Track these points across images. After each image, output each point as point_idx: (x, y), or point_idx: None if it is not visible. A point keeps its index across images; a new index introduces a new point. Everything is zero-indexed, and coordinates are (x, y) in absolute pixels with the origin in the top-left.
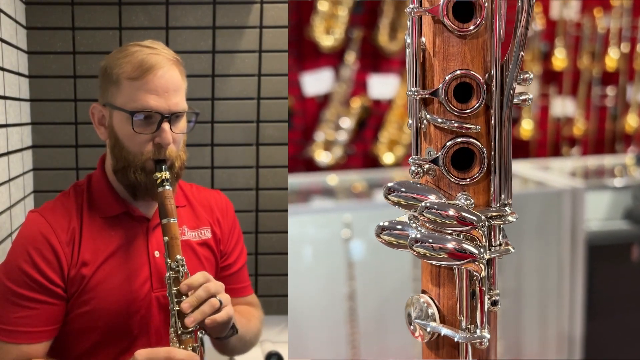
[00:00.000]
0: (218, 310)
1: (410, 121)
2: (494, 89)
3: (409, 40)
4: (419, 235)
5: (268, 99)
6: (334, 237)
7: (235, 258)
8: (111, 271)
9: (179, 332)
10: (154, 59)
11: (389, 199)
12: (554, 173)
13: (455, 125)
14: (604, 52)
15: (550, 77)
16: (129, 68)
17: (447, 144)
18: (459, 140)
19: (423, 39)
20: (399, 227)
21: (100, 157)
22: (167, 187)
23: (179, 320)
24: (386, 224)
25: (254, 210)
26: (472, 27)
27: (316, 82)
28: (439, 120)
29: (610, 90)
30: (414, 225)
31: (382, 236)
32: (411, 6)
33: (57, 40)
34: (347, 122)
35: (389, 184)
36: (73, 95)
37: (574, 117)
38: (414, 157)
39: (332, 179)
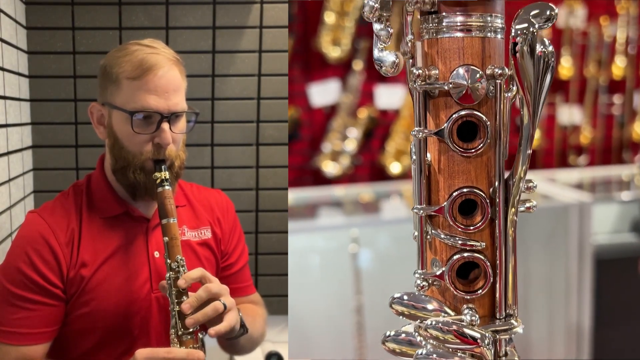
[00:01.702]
0: (222, 314)
1: (416, 233)
2: (497, 200)
3: (414, 157)
4: (424, 351)
5: (268, 99)
6: (341, 250)
7: (237, 257)
8: (111, 272)
9: (180, 332)
10: (154, 58)
11: (392, 308)
12: (561, 186)
13: (460, 242)
14: (610, 60)
15: (556, 86)
16: (128, 67)
17: (454, 257)
18: (464, 255)
19: (428, 155)
20: (403, 335)
21: (100, 157)
22: (167, 187)
23: (180, 321)
24: (392, 332)
25: (254, 210)
26: (476, 148)
27: (323, 93)
28: (442, 235)
29: (617, 99)
30: (419, 338)
31: (386, 344)
32: (417, 129)
33: (57, 40)
34: (354, 132)
35: (395, 294)
36: (73, 95)
37: (581, 126)
38: (419, 271)
39: (340, 190)
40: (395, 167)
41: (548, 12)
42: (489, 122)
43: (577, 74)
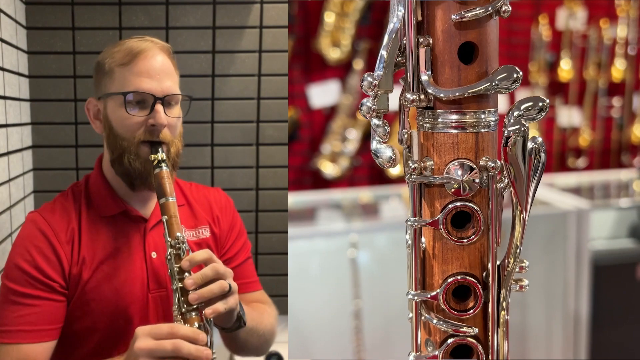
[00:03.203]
0: (226, 295)
1: (411, 315)
2: (490, 283)
3: (409, 241)
4: None
5: (268, 99)
6: (340, 254)
7: (236, 252)
8: (108, 273)
9: (183, 310)
10: (143, 44)
11: None
12: (559, 192)
13: (452, 328)
14: (610, 63)
15: (556, 88)
16: (119, 56)
17: (447, 341)
18: (458, 338)
19: (423, 240)
20: None
21: (97, 158)
22: (164, 168)
23: (183, 298)
24: None
25: (254, 210)
26: (469, 237)
27: (323, 94)
28: (435, 321)
29: (616, 101)
30: None
31: None
32: (412, 219)
33: (57, 40)
34: (354, 134)
35: None
36: (73, 95)
37: (580, 128)
38: (414, 354)
39: (339, 193)
40: (394, 169)
41: (540, 104)
42: (482, 212)
43: (576, 76)
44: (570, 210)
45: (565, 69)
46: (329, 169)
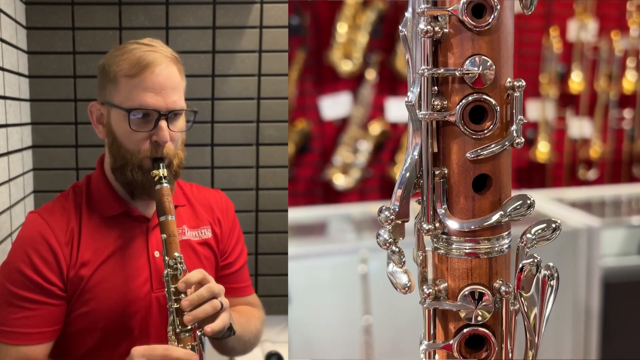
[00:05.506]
0: (219, 313)
1: None
2: None
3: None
4: None
5: (268, 99)
6: (350, 268)
7: (236, 257)
8: (110, 271)
9: (177, 330)
10: (152, 56)
11: None
12: (569, 208)
13: None
14: (621, 75)
15: (567, 100)
16: (126, 65)
17: None
18: None
19: (437, 358)
20: None
21: (99, 157)
22: (165, 185)
23: (178, 319)
24: None
25: (254, 210)
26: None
27: (335, 106)
28: None
29: (627, 113)
30: None
31: None
32: (425, 342)
33: (57, 40)
34: (365, 145)
35: None
36: (73, 95)
37: (591, 139)
38: None
39: (351, 207)
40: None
41: (554, 225)
42: (495, 334)
43: (587, 88)
44: (580, 227)
45: (576, 80)
46: (340, 180)
